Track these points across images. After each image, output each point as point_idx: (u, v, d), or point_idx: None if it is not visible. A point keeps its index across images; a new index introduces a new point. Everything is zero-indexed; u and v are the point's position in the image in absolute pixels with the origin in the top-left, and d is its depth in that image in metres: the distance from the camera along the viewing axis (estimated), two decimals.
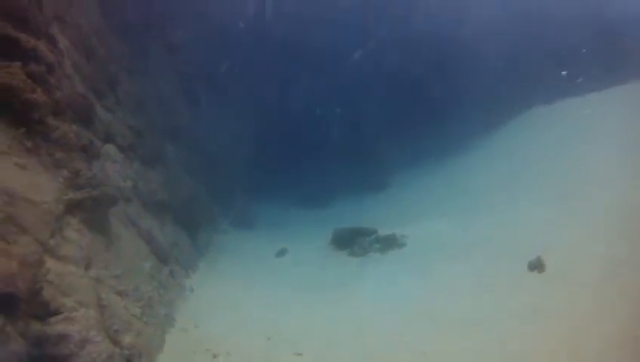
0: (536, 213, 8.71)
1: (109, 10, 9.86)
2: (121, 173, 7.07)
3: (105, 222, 5.31)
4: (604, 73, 14.24)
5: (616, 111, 12.36)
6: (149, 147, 8.83)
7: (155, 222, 7.55)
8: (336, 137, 17.99)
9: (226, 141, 15.00)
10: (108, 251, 5.13)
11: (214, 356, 5.27)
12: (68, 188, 4.90)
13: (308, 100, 18.02)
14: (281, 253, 10.39)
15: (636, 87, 13.35)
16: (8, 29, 4.99)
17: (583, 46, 15.14)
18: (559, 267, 6.37)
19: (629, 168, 8.68)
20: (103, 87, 8.24)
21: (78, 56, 7.43)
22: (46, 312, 3.64)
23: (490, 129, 15.75)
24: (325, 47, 17.47)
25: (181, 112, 12.25)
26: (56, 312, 3.68)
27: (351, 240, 10.15)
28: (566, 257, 6.59)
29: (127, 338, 4.42)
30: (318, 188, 16.98)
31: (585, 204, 8.02)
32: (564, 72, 14.51)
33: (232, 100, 16.04)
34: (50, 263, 3.94)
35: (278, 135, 17.82)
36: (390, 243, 9.56)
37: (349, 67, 18.10)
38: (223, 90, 15.49)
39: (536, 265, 6.61)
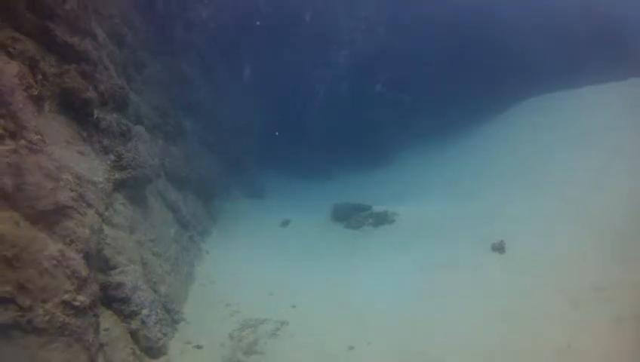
0: (515, 202, 9.65)
1: None
2: (149, 151, 8.26)
3: (142, 196, 6.56)
4: (605, 67, 14.64)
5: (608, 107, 12.99)
6: (172, 125, 9.95)
7: (179, 194, 8.83)
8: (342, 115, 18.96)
9: (240, 115, 16.05)
10: (145, 220, 6.41)
11: (227, 305, 6.65)
12: (114, 169, 6.12)
13: (317, 77, 18.88)
14: (285, 223, 11.69)
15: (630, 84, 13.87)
16: (66, 35, 6.06)
17: (586, 37, 15.61)
18: (517, 251, 7.55)
19: (614, 169, 9.42)
20: (132, 71, 9.29)
21: (111, 46, 8.45)
22: (107, 266, 4.95)
23: (491, 115, 16.44)
24: (337, 27, 18.20)
25: (199, 88, 13.24)
26: (114, 267, 4.99)
27: (348, 215, 11.38)
28: (527, 244, 7.73)
29: (162, 289, 5.77)
30: (324, 162, 18.13)
31: (562, 199, 8.96)
32: None
33: (246, 76, 16.96)
34: (106, 230, 5.21)
35: (289, 111, 18.82)
36: (382, 219, 10.75)
37: (358, 46, 18.78)
38: (238, 67, 16.42)
39: (498, 248, 7.82)
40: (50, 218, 4.18)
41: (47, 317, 3.61)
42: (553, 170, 10.53)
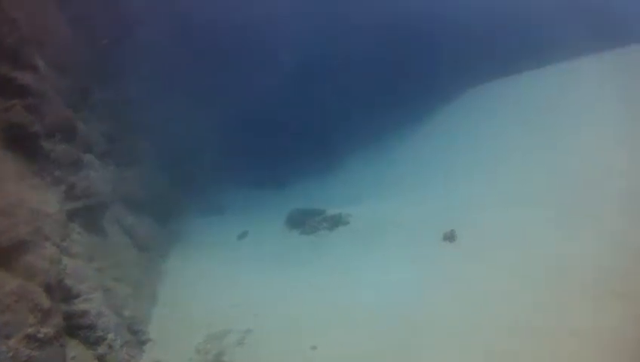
0: (465, 193, 10.38)
1: (76, 21, 10.60)
2: (102, 178, 8.29)
3: (99, 224, 6.66)
4: (553, 48, 15.45)
5: (555, 88, 13.96)
6: (124, 150, 9.95)
7: (135, 217, 8.89)
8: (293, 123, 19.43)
9: (194, 133, 16.04)
10: (103, 247, 6.52)
11: (191, 321, 6.86)
12: (67, 199, 6.20)
13: (267, 89, 19.23)
14: (243, 235, 11.90)
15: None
16: (5, 68, 6.08)
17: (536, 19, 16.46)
18: (467, 238, 8.23)
19: (562, 149, 10.09)
20: (77, 100, 9.22)
21: (55, 76, 8.39)
22: (69, 296, 5.07)
23: (438, 107, 17.24)
24: (280, 39, 18.67)
25: (149, 110, 13.17)
26: (77, 295, 5.12)
27: (302, 221, 11.76)
28: (476, 232, 8.39)
29: (126, 312, 5.92)
30: (278, 171, 18.48)
31: (510, 185, 9.76)
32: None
33: (199, 94, 17.00)
34: (65, 260, 5.32)
35: (242, 124, 19.05)
36: (336, 221, 11.21)
37: (304, 54, 19.29)
38: (188, 85, 16.45)
39: (449, 236, 8.51)
40: (9, 254, 4.29)
41: (10, 354, 3.73)
42: (511, 156, 11.29)
